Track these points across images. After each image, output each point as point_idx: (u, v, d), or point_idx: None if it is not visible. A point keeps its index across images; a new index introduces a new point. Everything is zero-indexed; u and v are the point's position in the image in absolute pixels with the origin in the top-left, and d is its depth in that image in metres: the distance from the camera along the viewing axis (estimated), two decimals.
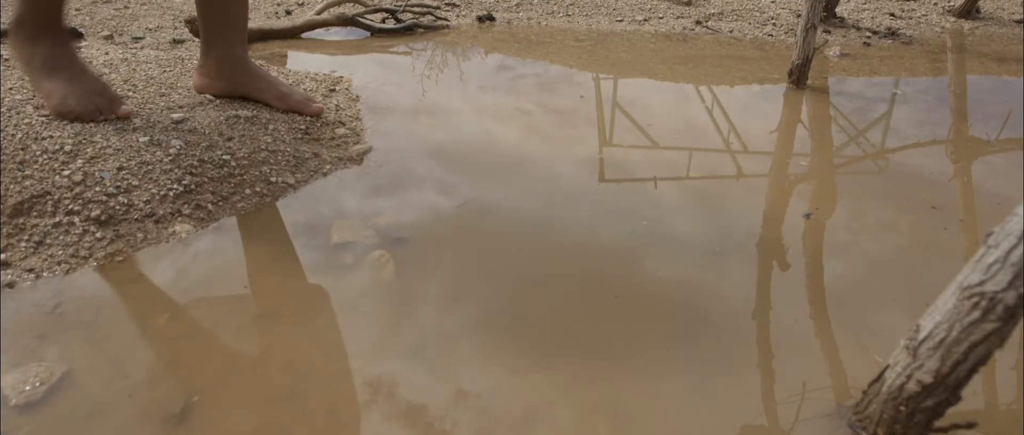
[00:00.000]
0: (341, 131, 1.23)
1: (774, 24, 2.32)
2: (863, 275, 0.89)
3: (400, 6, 2.16)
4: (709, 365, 0.72)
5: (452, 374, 0.69)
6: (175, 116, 1.11)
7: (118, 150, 0.98)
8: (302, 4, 2.42)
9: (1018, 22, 2.53)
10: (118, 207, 0.90)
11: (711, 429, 0.64)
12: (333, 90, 1.44)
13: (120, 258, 0.85)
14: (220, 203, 0.97)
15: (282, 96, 1.22)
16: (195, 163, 1.00)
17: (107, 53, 1.46)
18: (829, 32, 2.24)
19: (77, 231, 0.86)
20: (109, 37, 1.90)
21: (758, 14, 2.45)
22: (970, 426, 0.61)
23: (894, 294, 0.85)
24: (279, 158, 1.08)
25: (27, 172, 0.90)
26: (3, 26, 1.33)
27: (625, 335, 0.76)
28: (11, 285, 0.78)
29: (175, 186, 0.96)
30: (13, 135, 0.95)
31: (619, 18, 2.36)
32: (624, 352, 0.74)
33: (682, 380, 0.70)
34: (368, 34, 2.04)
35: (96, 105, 1.04)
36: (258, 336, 0.73)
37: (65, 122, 1.00)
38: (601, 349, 0.74)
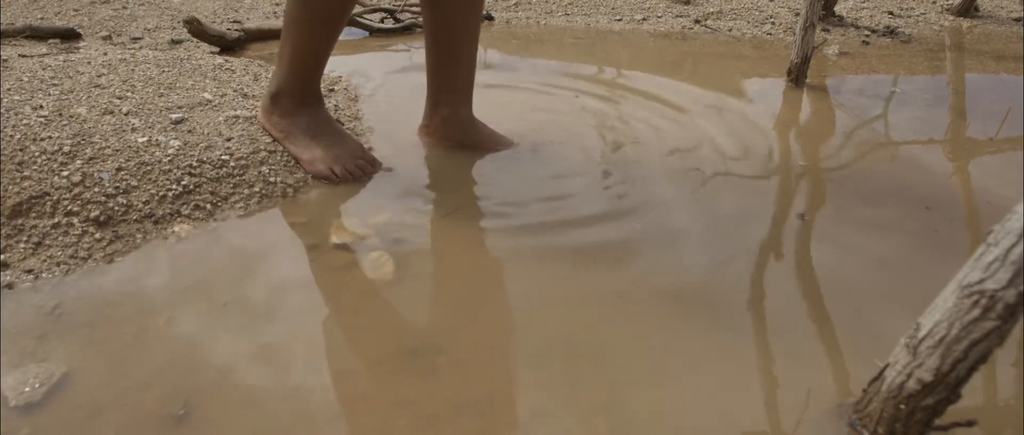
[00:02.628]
0: None
1: (773, 23, 2.32)
2: (862, 274, 0.89)
3: (399, 6, 2.16)
4: (709, 364, 0.72)
5: (452, 374, 0.69)
6: (174, 116, 1.11)
7: (117, 151, 0.97)
8: None
9: (1017, 20, 2.53)
10: (117, 208, 0.90)
11: (711, 427, 0.64)
12: (332, 90, 1.44)
13: (119, 258, 0.85)
14: (219, 203, 0.97)
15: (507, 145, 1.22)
16: (194, 163, 1.00)
17: (106, 53, 1.46)
18: (828, 30, 2.24)
19: (76, 232, 0.86)
20: (107, 37, 1.90)
21: (757, 13, 2.45)
22: (970, 424, 0.61)
23: (893, 293, 0.85)
24: (278, 158, 1.08)
25: (26, 173, 0.90)
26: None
27: (625, 334, 0.76)
28: (10, 286, 0.78)
29: (174, 186, 0.96)
30: (12, 136, 0.95)
31: (618, 17, 2.36)
32: (625, 351, 0.74)
33: (682, 379, 0.70)
34: (367, 34, 2.04)
35: (359, 168, 1.07)
36: (258, 336, 0.73)
37: (64, 123, 1.00)
38: (601, 348, 0.74)
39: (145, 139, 1.01)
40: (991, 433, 0.65)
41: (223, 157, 1.03)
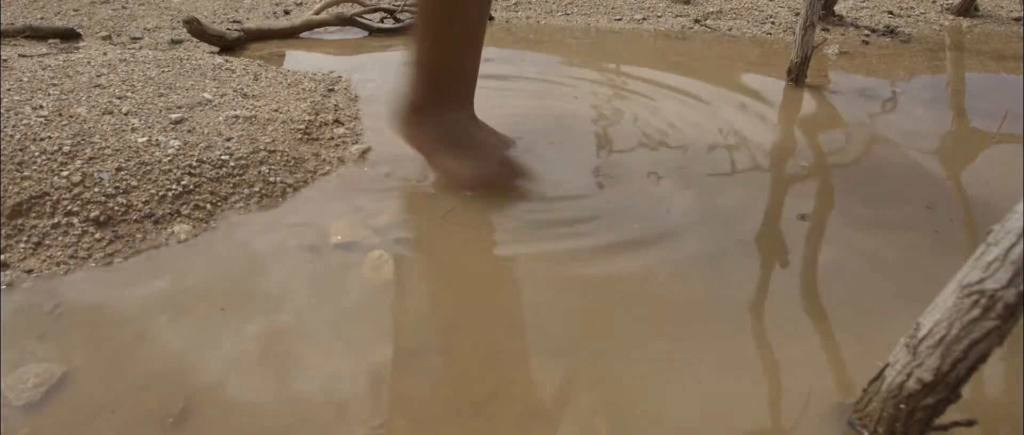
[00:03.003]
0: (340, 131, 1.23)
1: (772, 22, 2.32)
2: (862, 273, 0.89)
3: (398, 6, 2.16)
4: (709, 364, 0.72)
5: (452, 374, 0.69)
6: (173, 116, 1.11)
7: (117, 151, 0.97)
8: (300, 4, 2.42)
9: (1016, 20, 2.53)
10: (117, 208, 0.90)
11: (711, 427, 0.64)
12: (332, 90, 1.44)
13: (119, 258, 0.85)
14: (219, 203, 0.97)
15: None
16: (194, 163, 1.00)
17: (105, 53, 1.46)
18: (828, 30, 2.24)
19: (76, 232, 0.86)
20: (107, 37, 1.90)
21: (757, 12, 2.45)
22: (970, 423, 0.61)
23: (893, 293, 0.85)
24: (278, 158, 1.08)
25: (26, 173, 0.90)
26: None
27: (625, 334, 0.76)
28: (10, 286, 0.78)
29: (174, 186, 0.96)
30: (12, 136, 0.95)
31: (618, 17, 2.36)
32: (625, 351, 0.74)
33: (683, 379, 0.70)
34: (367, 34, 2.04)
35: (505, 176, 1.01)
36: (258, 336, 0.73)
37: (64, 123, 1.00)
38: (601, 348, 0.74)
39: (145, 139, 1.01)
40: (991, 433, 0.65)
41: (223, 157, 1.03)
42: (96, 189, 0.91)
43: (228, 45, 1.80)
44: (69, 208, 0.88)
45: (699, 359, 0.73)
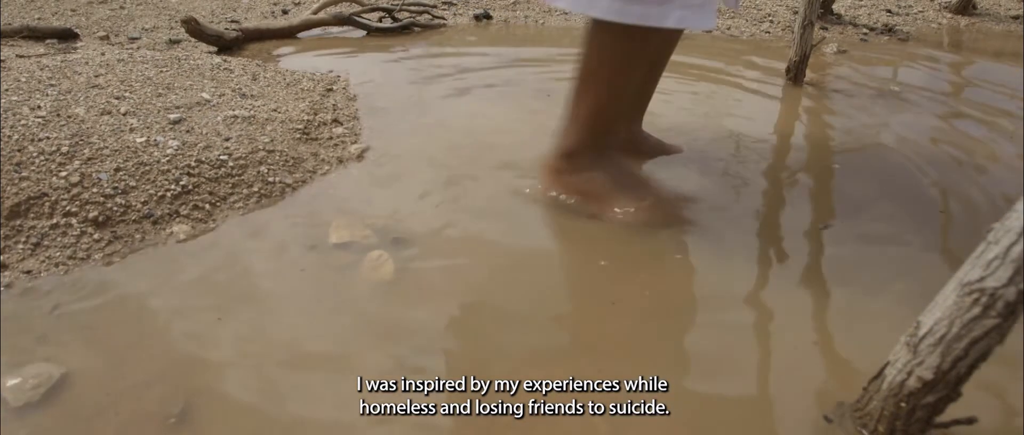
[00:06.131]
0: (339, 131, 1.23)
1: (771, 21, 2.32)
2: (863, 272, 0.89)
3: (397, 5, 2.16)
4: (708, 363, 0.72)
5: (451, 375, 0.69)
6: (172, 116, 1.10)
7: (115, 151, 0.97)
8: (299, 3, 2.41)
9: (1015, 18, 2.53)
10: (115, 208, 0.90)
11: (710, 426, 0.64)
12: (330, 90, 1.44)
13: (118, 259, 0.85)
14: (218, 203, 0.97)
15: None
16: (192, 163, 0.99)
17: (103, 54, 1.45)
18: (826, 29, 2.24)
19: (75, 232, 0.86)
20: (105, 37, 1.90)
21: (755, 11, 2.45)
22: (971, 422, 0.61)
23: (893, 291, 0.85)
24: (276, 158, 1.07)
25: (24, 174, 0.90)
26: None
27: (625, 334, 0.76)
28: (9, 287, 0.78)
29: (172, 187, 0.95)
30: (9, 137, 0.94)
31: None
32: (625, 351, 0.74)
33: (682, 379, 0.70)
34: (365, 33, 2.03)
35: (670, 214, 0.98)
36: (257, 337, 0.73)
37: (62, 123, 1.00)
38: (601, 348, 0.74)
39: (143, 139, 1.01)
40: (991, 431, 0.65)
41: (221, 157, 1.03)
42: (94, 189, 0.91)
43: (226, 45, 1.80)
44: (68, 208, 0.88)
45: (698, 359, 0.73)
